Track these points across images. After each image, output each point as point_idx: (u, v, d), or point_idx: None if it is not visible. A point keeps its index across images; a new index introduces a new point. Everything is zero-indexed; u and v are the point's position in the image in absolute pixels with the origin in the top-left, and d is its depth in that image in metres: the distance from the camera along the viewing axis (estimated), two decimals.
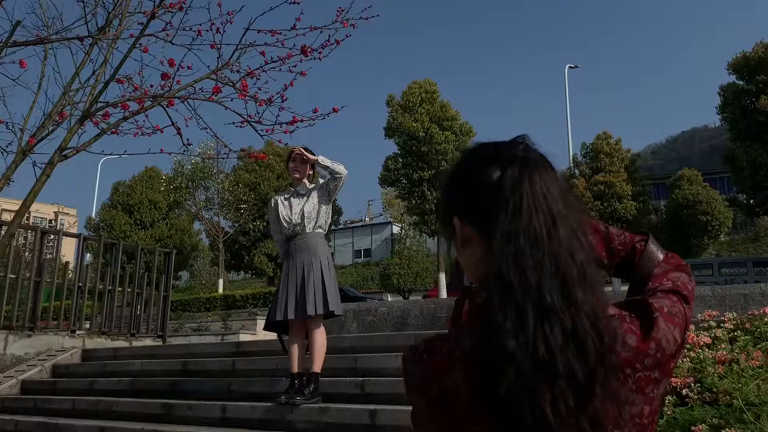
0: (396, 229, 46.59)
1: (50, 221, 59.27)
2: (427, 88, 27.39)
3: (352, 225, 55.53)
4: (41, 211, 60.68)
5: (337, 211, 40.35)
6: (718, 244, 35.44)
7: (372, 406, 4.30)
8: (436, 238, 28.46)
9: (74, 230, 40.22)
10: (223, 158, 22.02)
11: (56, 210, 63.48)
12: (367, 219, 57.49)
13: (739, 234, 38.68)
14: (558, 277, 0.82)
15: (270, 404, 4.71)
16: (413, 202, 27.81)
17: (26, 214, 4.35)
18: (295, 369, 4.68)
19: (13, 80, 4.06)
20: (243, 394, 5.30)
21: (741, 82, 23.46)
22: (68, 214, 62.58)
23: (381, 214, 53.80)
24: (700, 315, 4.20)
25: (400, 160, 27.67)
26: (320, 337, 4.66)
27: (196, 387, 5.72)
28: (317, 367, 4.64)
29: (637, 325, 0.88)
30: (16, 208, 4.65)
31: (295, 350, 4.70)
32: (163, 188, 34.12)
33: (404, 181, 27.65)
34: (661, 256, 1.04)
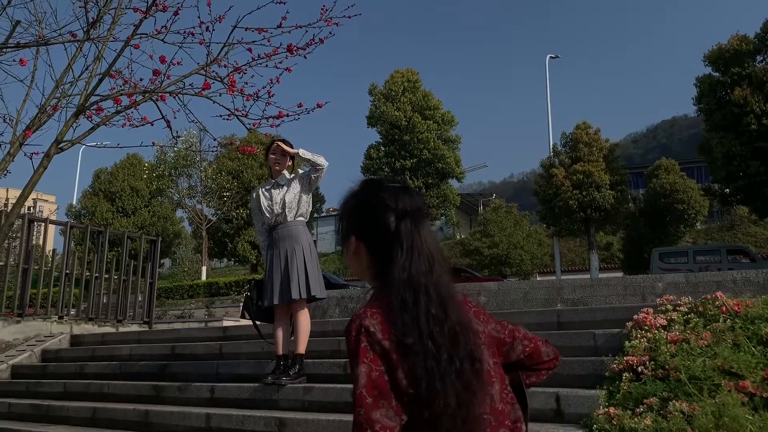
0: None
1: (29, 208, 58.44)
2: (409, 77, 27.53)
3: (335, 213, 55.66)
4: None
5: (319, 199, 40.43)
6: (694, 233, 36.16)
7: None
8: None
9: (54, 218, 39.92)
10: (212, 151, 21.92)
11: (35, 197, 62.56)
12: None
13: (715, 222, 39.44)
14: (437, 296, 1.24)
15: (257, 385, 4.97)
16: None
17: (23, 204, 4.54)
18: (281, 351, 4.93)
19: (12, 76, 4.23)
20: (230, 375, 5.54)
21: (717, 74, 23.75)
22: (47, 201, 61.84)
23: None
24: (658, 300, 4.50)
25: (383, 149, 27.85)
26: (304, 320, 4.90)
27: (185, 370, 5.95)
28: (301, 348, 4.89)
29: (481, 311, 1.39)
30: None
31: (280, 333, 4.94)
32: (145, 176, 34.00)
33: (386, 169, 27.85)
34: None
